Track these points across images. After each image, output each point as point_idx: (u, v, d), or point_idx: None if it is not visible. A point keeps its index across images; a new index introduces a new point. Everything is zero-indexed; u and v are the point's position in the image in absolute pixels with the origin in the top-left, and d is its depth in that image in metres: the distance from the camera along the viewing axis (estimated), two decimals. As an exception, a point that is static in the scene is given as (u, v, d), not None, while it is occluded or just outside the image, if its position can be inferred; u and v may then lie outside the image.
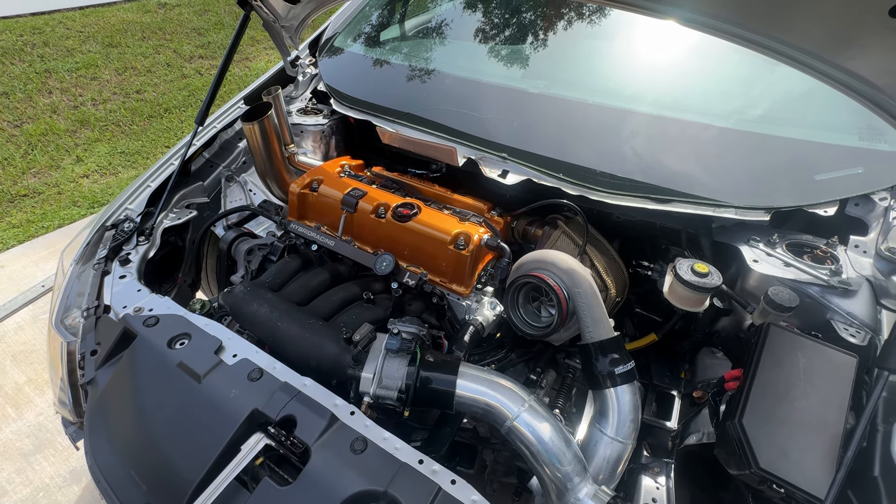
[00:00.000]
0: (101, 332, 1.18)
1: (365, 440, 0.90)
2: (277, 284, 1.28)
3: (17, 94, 4.43)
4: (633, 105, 1.38)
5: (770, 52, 0.93)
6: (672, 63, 1.50)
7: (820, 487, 0.82)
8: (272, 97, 1.53)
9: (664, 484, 1.16)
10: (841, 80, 0.92)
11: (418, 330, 1.11)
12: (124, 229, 1.41)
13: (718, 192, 1.20)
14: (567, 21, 1.68)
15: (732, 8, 0.88)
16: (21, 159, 3.83)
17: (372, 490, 0.83)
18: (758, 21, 0.90)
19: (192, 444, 0.93)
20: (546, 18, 1.72)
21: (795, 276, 1.09)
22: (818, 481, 0.83)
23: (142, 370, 1.05)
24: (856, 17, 0.77)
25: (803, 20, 0.86)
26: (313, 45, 2.03)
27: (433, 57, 1.80)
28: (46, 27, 5.41)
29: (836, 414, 0.89)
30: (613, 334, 1.14)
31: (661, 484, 1.16)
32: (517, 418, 0.98)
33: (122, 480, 0.92)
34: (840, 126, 1.23)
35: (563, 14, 1.69)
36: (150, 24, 5.87)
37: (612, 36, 1.62)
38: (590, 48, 1.62)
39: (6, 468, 1.92)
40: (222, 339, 1.09)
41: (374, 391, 1.01)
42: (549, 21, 1.71)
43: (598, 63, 1.58)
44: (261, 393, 0.97)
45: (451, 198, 1.48)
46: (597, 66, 1.58)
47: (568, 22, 1.68)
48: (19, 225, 3.25)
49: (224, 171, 1.77)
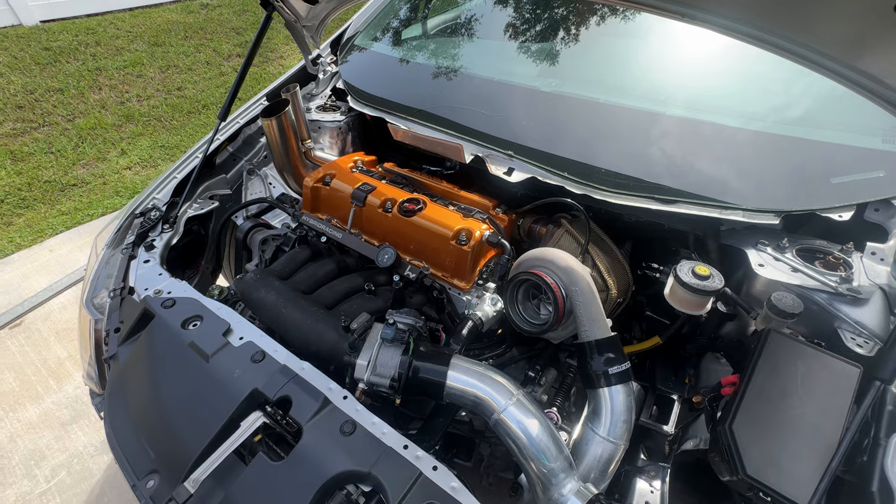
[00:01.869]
0: (125, 311, 1.27)
1: (354, 423, 0.94)
2: (286, 273, 1.34)
3: (70, 90, 4.75)
4: (641, 103, 1.36)
5: (780, 50, 0.90)
6: (682, 61, 1.47)
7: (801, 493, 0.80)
8: (290, 94, 1.59)
9: (659, 488, 1.15)
10: (855, 80, 0.88)
11: (415, 321, 1.14)
12: (151, 217, 1.51)
13: (726, 193, 1.17)
14: (578, 20, 1.67)
15: (744, 9, 0.86)
16: (72, 151, 4.10)
17: (357, 471, 0.87)
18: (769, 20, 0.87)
19: (196, 417, 0.99)
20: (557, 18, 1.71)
21: (802, 282, 1.05)
22: (806, 492, 0.81)
23: (157, 348, 1.13)
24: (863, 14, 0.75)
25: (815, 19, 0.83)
26: (335, 44, 2.09)
27: (447, 56, 1.82)
28: (99, 27, 5.76)
29: (833, 425, 0.86)
30: (610, 334, 1.13)
31: (656, 488, 1.15)
32: (504, 411, 0.99)
33: (134, 447, 1.00)
34: (861, 127, 1.18)
35: (574, 13, 1.68)
36: (192, 24, 6.15)
37: (622, 35, 1.60)
38: (601, 47, 1.61)
39: (46, 435, 2.08)
40: (231, 323, 1.16)
41: (368, 378, 1.05)
42: (561, 20, 1.70)
43: (609, 62, 1.57)
44: (261, 374, 1.03)
45: (458, 194, 1.50)
46: (607, 65, 1.56)
47: (579, 21, 1.67)
48: (67, 212, 3.49)
49: (246, 164, 1.85)
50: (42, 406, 2.20)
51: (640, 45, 1.56)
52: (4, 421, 2.14)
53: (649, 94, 1.41)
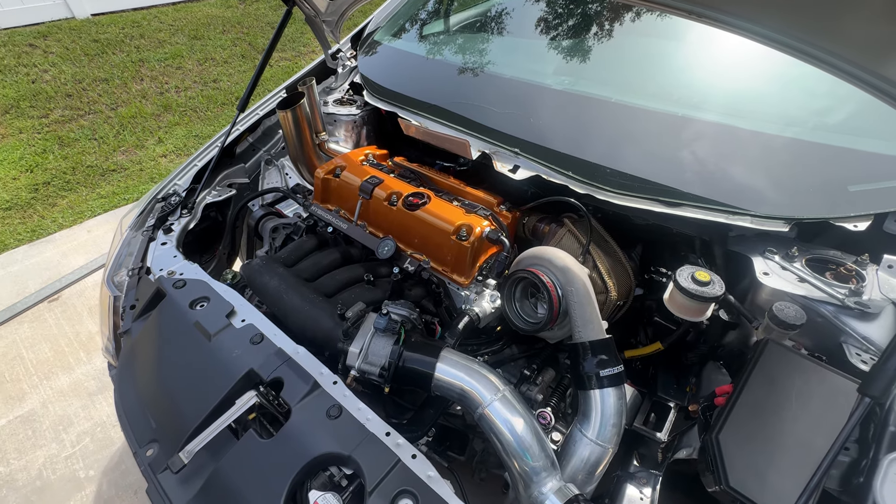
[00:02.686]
0: (141, 290, 1.34)
1: (341, 408, 0.96)
2: (292, 261, 1.38)
3: (115, 80, 5.00)
4: (650, 103, 1.33)
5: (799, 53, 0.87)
6: (693, 61, 1.42)
7: (787, 511, 0.77)
8: (306, 88, 1.64)
9: (649, 495, 1.13)
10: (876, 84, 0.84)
11: (409, 313, 1.16)
12: (171, 202, 1.58)
13: (734, 198, 1.13)
14: (592, 19, 1.64)
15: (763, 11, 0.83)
16: (113, 139, 4.32)
17: (338, 453, 0.90)
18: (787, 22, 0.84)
19: (196, 393, 1.05)
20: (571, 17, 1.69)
21: (808, 292, 1.01)
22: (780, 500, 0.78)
23: (165, 325, 1.19)
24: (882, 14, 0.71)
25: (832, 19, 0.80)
26: (355, 39, 2.13)
27: (460, 53, 1.83)
28: (144, 21, 6.03)
29: (826, 442, 0.83)
30: (604, 336, 1.12)
31: (646, 495, 1.14)
32: (489, 406, 1.00)
33: (138, 417, 1.06)
34: (883, 133, 1.11)
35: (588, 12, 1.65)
36: (230, 18, 6.36)
37: (636, 33, 1.56)
38: (614, 46, 1.57)
39: (74, 403, 2.22)
40: (235, 305, 1.21)
41: (359, 365, 1.08)
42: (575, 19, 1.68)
43: (622, 61, 1.53)
44: (258, 355, 1.07)
45: (464, 190, 1.51)
46: (620, 64, 1.53)
47: (593, 20, 1.64)
48: (106, 196, 3.69)
49: (264, 154, 1.92)
50: (72, 376, 2.35)
51: (655, 45, 1.52)
52: (38, 388, 2.30)
53: (660, 93, 1.37)
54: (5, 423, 2.15)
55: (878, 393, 0.67)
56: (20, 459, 2.02)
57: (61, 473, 1.97)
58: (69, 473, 1.97)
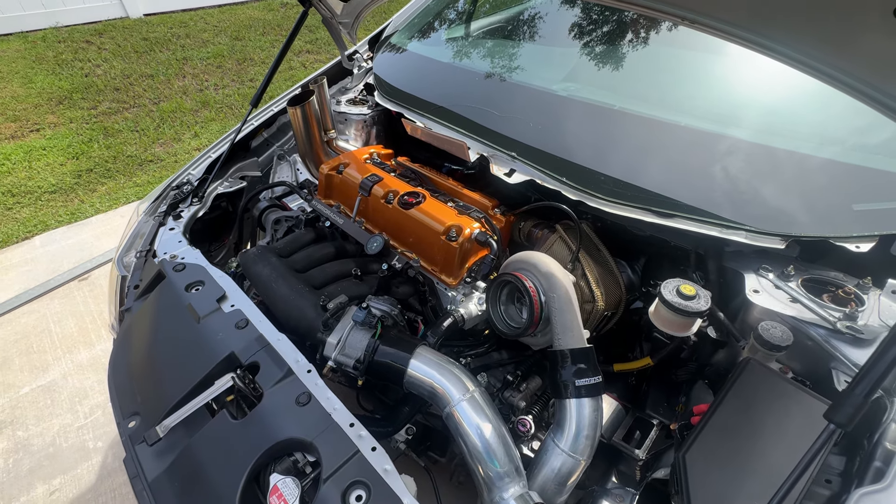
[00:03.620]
0: (145, 271, 1.41)
1: (310, 395, 0.98)
2: (287, 252, 1.42)
3: (159, 76, 5.28)
4: (649, 111, 1.30)
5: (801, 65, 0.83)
6: (695, 71, 1.38)
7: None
8: (317, 86, 1.69)
9: (624, 514, 1.10)
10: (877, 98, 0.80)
11: (390, 309, 1.17)
12: (183, 191, 1.66)
13: (730, 210, 1.09)
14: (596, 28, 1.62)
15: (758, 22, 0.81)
16: (154, 131, 4.56)
17: (301, 439, 0.91)
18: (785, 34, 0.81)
19: (179, 371, 1.09)
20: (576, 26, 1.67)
21: (798, 313, 0.96)
22: (754, 536, 0.74)
23: (161, 306, 1.25)
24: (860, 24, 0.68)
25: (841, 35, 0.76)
26: (373, 41, 2.18)
27: (470, 58, 1.84)
28: (191, 21, 6.36)
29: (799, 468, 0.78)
30: (584, 345, 1.10)
31: (621, 512, 1.10)
32: (456, 405, 0.99)
33: (125, 390, 1.11)
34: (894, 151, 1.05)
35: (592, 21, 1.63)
36: (270, 20, 6.62)
37: (639, 42, 1.53)
38: (617, 54, 1.54)
39: (91, 377, 2.35)
40: (227, 291, 1.25)
41: (336, 356, 1.10)
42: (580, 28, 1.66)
43: (620, 69, 1.50)
44: (241, 340, 1.11)
45: (461, 192, 1.51)
46: (618, 72, 1.50)
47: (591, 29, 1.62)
48: (142, 185, 3.89)
49: (277, 149, 1.98)
50: (92, 352, 2.48)
51: (654, 54, 1.48)
52: (61, 360, 2.44)
53: (657, 101, 1.34)
54: (28, 390, 2.29)
55: (845, 420, 0.63)
56: (37, 426, 2.14)
57: (72, 442, 2.08)
58: (79, 443, 2.08)
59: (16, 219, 3.49)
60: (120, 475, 1.95)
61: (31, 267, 3.04)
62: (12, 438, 2.10)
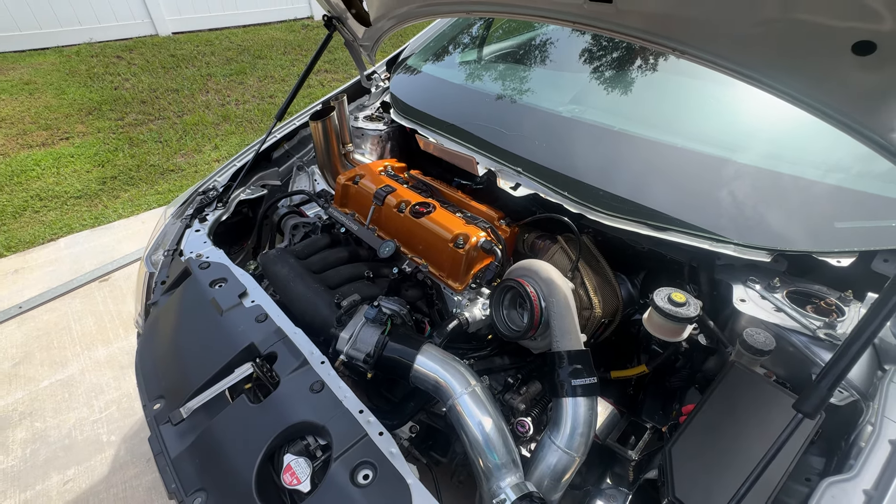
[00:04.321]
0: (172, 268, 1.51)
1: (322, 384, 1.06)
2: (304, 255, 1.52)
3: (184, 91, 5.52)
4: (647, 132, 1.39)
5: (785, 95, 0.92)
6: (689, 96, 1.48)
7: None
8: (337, 103, 1.81)
9: (616, 513, 1.14)
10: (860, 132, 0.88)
11: (399, 308, 1.25)
12: (208, 196, 1.77)
13: (719, 226, 1.16)
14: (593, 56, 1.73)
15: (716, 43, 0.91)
16: (176, 142, 4.75)
17: (314, 422, 0.99)
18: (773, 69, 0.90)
19: (202, 359, 1.17)
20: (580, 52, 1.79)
21: (781, 321, 1.02)
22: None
23: (186, 300, 1.34)
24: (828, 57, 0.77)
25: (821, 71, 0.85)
26: (390, 63, 2.31)
27: (480, 81, 1.96)
28: (216, 40, 6.65)
29: (778, 465, 0.84)
30: (581, 348, 1.16)
31: (614, 512, 1.15)
32: (459, 398, 1.06)
33: (151, 375, 1.20)
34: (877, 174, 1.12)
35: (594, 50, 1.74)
36: (292, 41, 6.90)
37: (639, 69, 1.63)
38: (613, 79, 1.65)
39: (107, 374, 2.44)
40: (248, 288, 1.34)
41: (347, 350, 1.17)
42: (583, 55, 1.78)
43: (620, 93, 1.61)
44: (260, 332, 1.19)
45: (469, 204, 1.60)
46: (618, 96, 1.60)
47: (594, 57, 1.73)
48: (163, 192, 4.05)
49: (297, 161, 2.10)
50: (109, 349, 2.57)
51: (655, 80, 1.58)
52: (80, 357, 2.53)
53: (657, 124, 1.43)
54: (47, 384, 2.38)
55: (811, 410, 0.69)
56: (55, 418, 2.23)
57: (87, 435, 2.16)
58: (94, 436, 2.15)
59: (42, 221, 3.65)
60: (131, 468, 2.02)
61: (55, 267, 3.17)
62: (30, 429, 2.18)
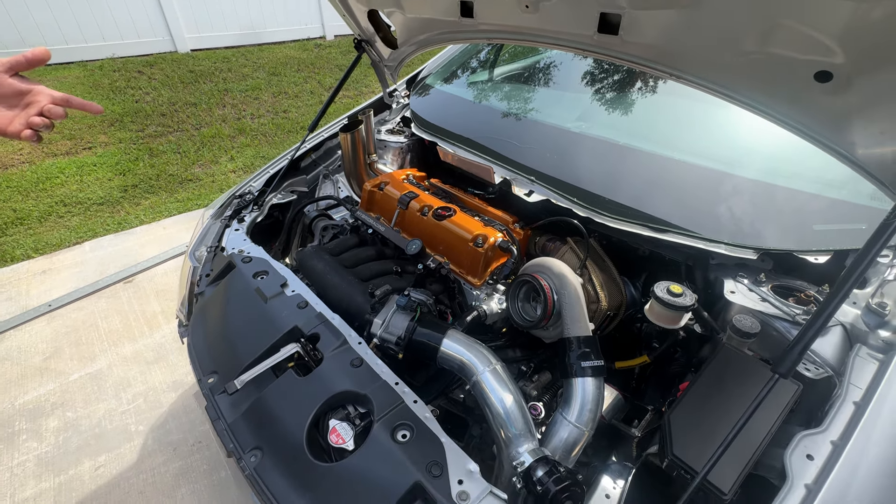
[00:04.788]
0: (215, 263, 1.66)
1: (361, 360, 1.20)
2: (336, 252, 1.67)
3: (202, 105, 5.75)
4: (646, 146, 1.56)
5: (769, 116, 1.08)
6: (682, 114, 1.65)
7: (722, 481, 0.92)
8: (365, 116, 1.98)
9: (620, 486, 1.26)
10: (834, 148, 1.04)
11: (426, 299, 1.39)
12: (245, 199, 1.93)
13: (712, 229, 1.32)
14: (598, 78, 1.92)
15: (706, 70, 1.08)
16: (194, 153, 4.95)
17: (356, 392, 1.12)
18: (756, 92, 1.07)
19: (251, 339, 1.31)
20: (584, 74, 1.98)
21: (766, 310, 1.17)
22: (724, 477, 0.93)
23: (232, 289, 1.48)
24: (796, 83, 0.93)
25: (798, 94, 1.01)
26: (410, 82, 2.50)
27: (494, 98, 2.14)
28: (233, 57, 6.93)
29: (762, 428, 0.97)
30: (589, 333, 1.30)
31: (618, 485, 1.26)
32: (482, 374, 1.20)
33: (203, 354, 1.33)
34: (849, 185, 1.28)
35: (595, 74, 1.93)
36: (305, 59, 7.18)
37: (638, 89, 1.82)
38: (617, 99, 1.83)
39: (134, 369, 2.56)
40: (287, 279, 1.49)
41: (381, 334, 1.31)
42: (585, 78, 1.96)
43: (624, 111, 1.78)
44: (302, 316, 1.33)
45: (486, 209, 1.76)
46: (622, 114, 1.78)
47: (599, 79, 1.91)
48: (182, 200, 4.22)
49: (323, 170, 2.27)
50: (135, 346, 2.70)
51: (655, 99, 1.76)
52: (107, 352, 2.66)
53: (656, 139, 1.60)
54: (77, 377, 2.50)
55: (784, 371, 0.84)
56: (85, 409, 2.34)
57: (116, 425, 2.27)
58: (122, 426, 2.26)
59: (67, 226, 3.81)
60: (159, 456, 2.13)
61: (81, 269, 3.31)
62: (62, 418, 2.29)
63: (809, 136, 1.04)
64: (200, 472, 2.06)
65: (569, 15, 1.20)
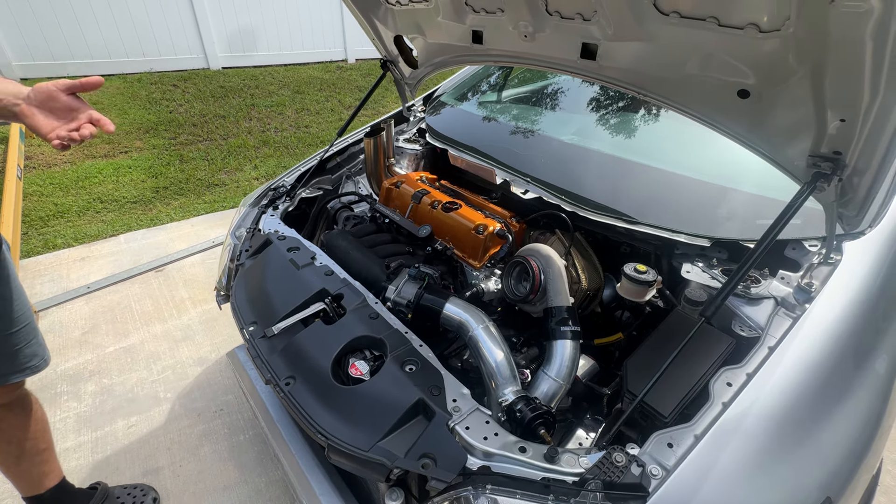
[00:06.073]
0: (254, 240, 1.93)
1: (378, 314, 1.45)
2: (358, 235, 1.94)
3: (230, 118, 6.17)
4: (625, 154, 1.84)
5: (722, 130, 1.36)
6: (655, 126, 1.93)
7: (665, 407, 1.15)
8: (386, 125, 2.29)
9: (592, 437, 1.49)
10: (773, 158, 1.31)
11: (433, 272, 1.65)
12: (279, 192, 2.22)
13: (675, 222, 1.58)
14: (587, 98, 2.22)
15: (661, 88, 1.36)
16: (221, 161, 5.32)
17: (373, 336, 1.37)
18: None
19: (285, 297, 1.57)
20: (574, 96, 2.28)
21: (714, 284, 1.41)
22: (667, 404, 1.16)
23: (269, 259, 1.75)
24: (728, 99, 1.21)
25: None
26: (426, 99, 2.83)
27: (498, 114, 2.45)
28: (260, 76, 7.42)
29: (699, 371, 1.21)
30: (569, 304, 1.55)
31: (591, 437, 1.49)
32: (476, 330, 1.44)
33: (245, 308, 1.59)
34: (786, 187, 1.54)
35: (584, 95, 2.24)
36: (327, 79, 7.66)
37: (620, 107, 2.11)
38: (601, 115, 2.13)
39: (163, 345, 2.81)
40: (316, 253, 1.76)
41: (394, 298, 1.57)
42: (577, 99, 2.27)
43: (610, 124, 2.07)
44: (329, 282, 1.59)
45: (487, 205, 2.04)
46: (609, 128, 2.07)
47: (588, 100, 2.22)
48: (209, 202, 4.55)
49: (346, 171, 2.57)
50: (165, 326, 2.96)
51: (632, 117, 2.05)
52: (140, 330, 2.92)
53: (633, 148, 1.88)
54: (113, 350, 2.76)
55: (709, 314, 1.08)
56: (119, 377, 2.59)
57: (147, 392, 2.51)
58: (152, 393, 2.51)
59: (103, 221, 4.13)
60: (185, 419, 2.36)
61: (117, 258, 3.62)
62: (99, 384, 2.54)
63: (740, 140, 1.31)
64: (221, 434, 2.28)
65: (558, 44, 1.50)
